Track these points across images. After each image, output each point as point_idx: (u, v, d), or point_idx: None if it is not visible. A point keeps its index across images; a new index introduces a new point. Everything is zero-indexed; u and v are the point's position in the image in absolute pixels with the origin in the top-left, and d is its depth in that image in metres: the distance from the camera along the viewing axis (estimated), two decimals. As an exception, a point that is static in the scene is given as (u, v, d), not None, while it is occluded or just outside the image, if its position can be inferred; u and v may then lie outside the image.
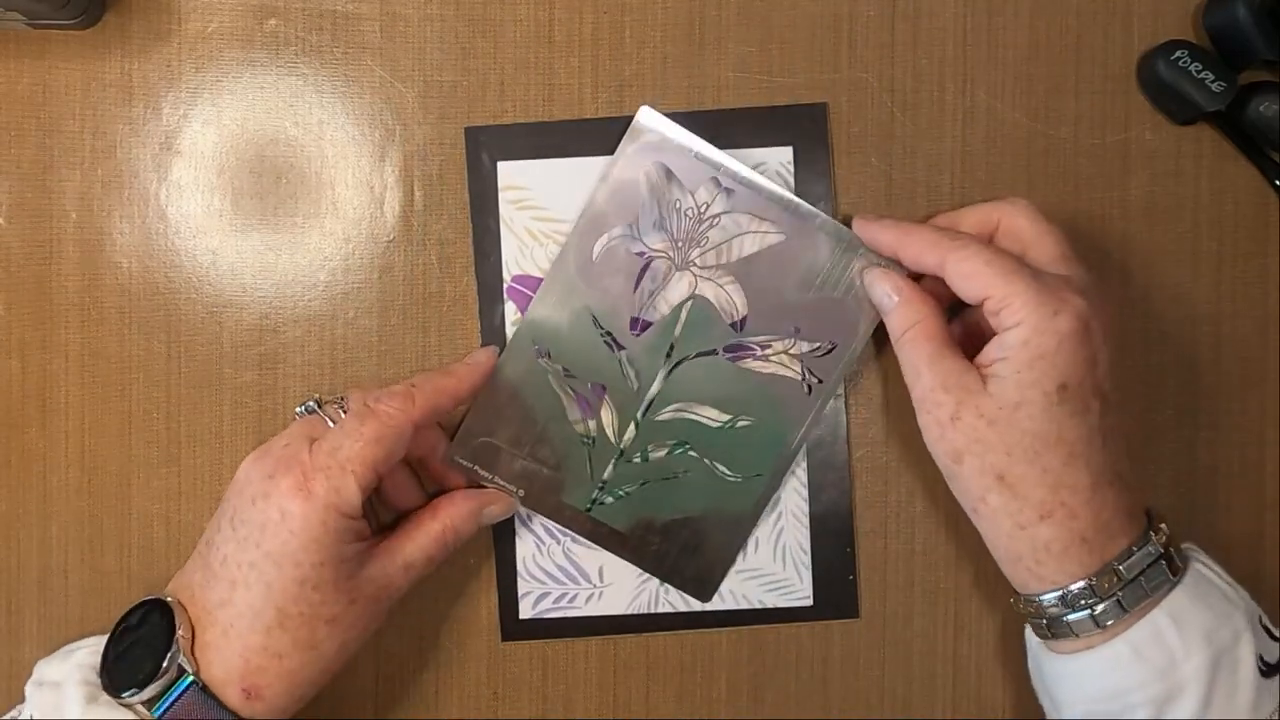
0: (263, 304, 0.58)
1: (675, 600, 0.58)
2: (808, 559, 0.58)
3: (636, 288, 0.56)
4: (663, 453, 0.57)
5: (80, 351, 0.58)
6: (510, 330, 0.57)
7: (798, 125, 0.57)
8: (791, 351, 0.56)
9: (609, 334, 0.56)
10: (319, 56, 0.57)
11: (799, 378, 0.56)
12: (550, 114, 0.57)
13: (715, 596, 0.58)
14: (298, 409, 0.52)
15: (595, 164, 0.57)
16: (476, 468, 0.56)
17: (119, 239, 0.57)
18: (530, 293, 0.57)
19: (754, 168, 0.57)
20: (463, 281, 0.58)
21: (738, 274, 0.56)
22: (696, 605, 0.58)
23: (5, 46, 0.57)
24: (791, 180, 0.57)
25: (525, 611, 0.58)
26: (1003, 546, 0.50)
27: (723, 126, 0.57)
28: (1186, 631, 0.47)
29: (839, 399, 0.58)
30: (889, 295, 0.53)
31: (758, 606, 0.58)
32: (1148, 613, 0.48)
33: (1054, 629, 0.50)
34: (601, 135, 0.57)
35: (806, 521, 0.58)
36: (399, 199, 0.58)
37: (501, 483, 0.56)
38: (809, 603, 0.59)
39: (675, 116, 0.57)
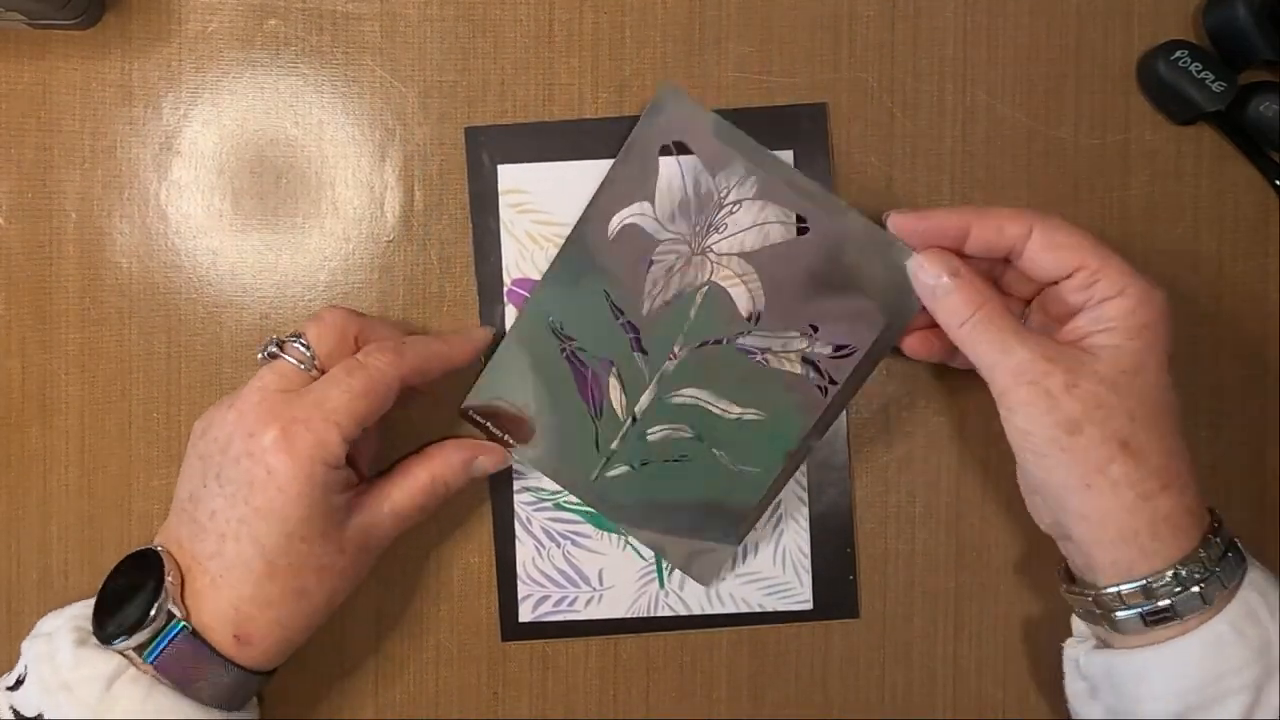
0: (263, 304, 0.58)
1: (675, 604, 0.58)
2: (807, 562, 0.58)
3: (651, 268, 0.55)
4: (667, 435, 0.56)
5: (80, 351, 0.58)
6: (511, 332, 0.58)
7: (797, 125, 0.57)
8: (806, 351, 0.55)
9: (621, 311, 0.55)
10: (319, 57, 0.57)
11: (812, 378, 0.55)
12: (550, 114, 0.57)
13: (715, 599, 0.58)
14: (259, 354, 0.51)
15: (596, 167, 0.57)
16: (489, 424, 0.57)
17: (119, 239, 0.58)
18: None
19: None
20: (463, 282, 0.58)
21: (756, 264, 0.54)
22: (696, 609, 0.58)
23: (5, 46, 0.57)
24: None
25: (525, 614, 0.58)
26: (1117, 524, 0.47)
27: (723, 126, 0.58)
28: (1272, 606, 0.46)
29: (839, 399, 0.58)
30: (943, 277, 0.50)
31: (757, 610, 0.58)
32: (1238, 590, 0.47)
33: (1153, 617, 0.47)
34: (602, 135, 0.57)
35: (806, 524, 0.58)
36: (399, 199, 0.58)
37: (512, 442, 0.57)
38: (809, 606, 0.58)
39: (675, 116, 0.57)
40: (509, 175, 0.57)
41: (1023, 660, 0.57)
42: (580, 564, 0.58)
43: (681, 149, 0.54)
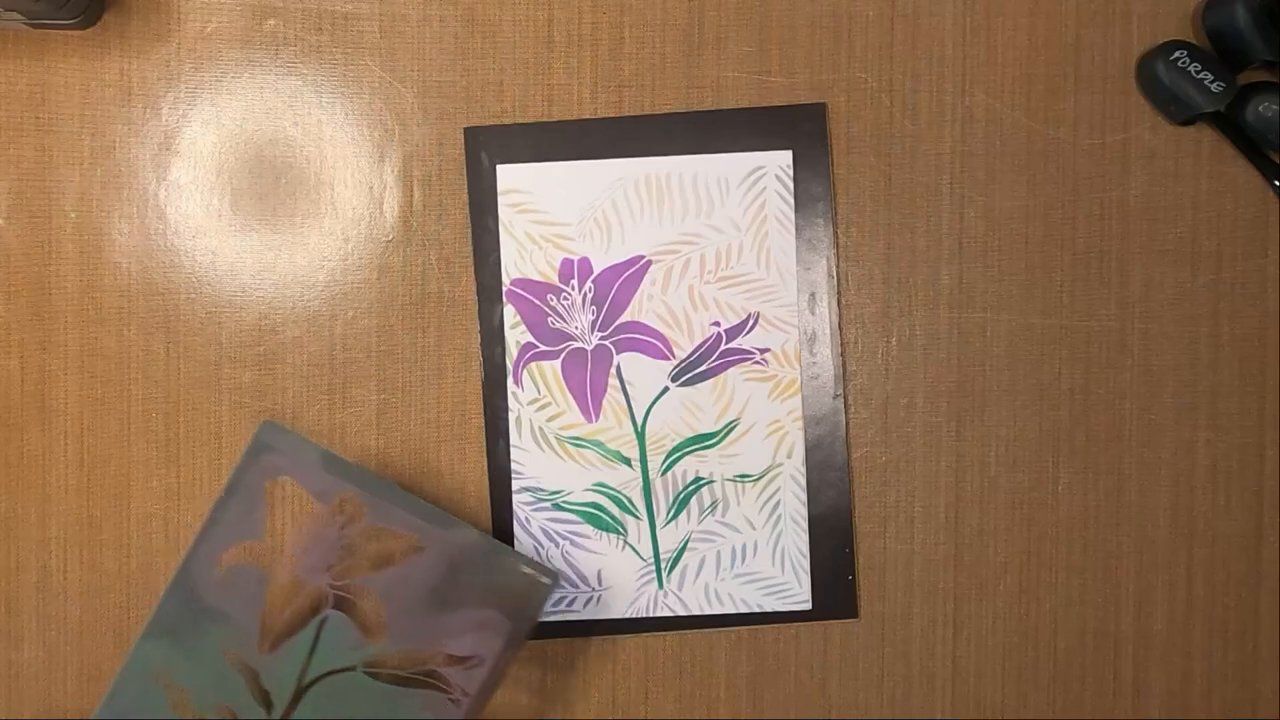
0: (262, 304, 0.58)
1: (674, 604, 0.58)
2: (806, 563, 0.58)
3: (265, 604, 0.53)
4: None
5: (79, 351, 0.58)
6: (509, 334, 0.57)
7: (796, 125, 0.57)
8: (435, 668, 0.53)
9: (236, 653, 0.53)
10: (318, 56, 0.57)
11: (446, 692, 0.53)
12: (549, 114, 0.57)
13: (714, 600, 0.58)
14: None
15: (596, 167, 0.57)
16: None
17: (118, 239, 0.58)
18: (530, 296, 0.57)
19: (752, 171, 0.57)
20: (462, 281, 0.58)
21: (376, 586, 0.53)
22: (695, 609, 0.58)
23: (4, 46, 0.57)
24: (790, 181, 0.58)
25: (524, 613, 0.59)
26: None
27: (721, 127, 0.57)
28: None
29: (838, 399, 0.58)
30: None
31: (756, 610, 0.58)
32: None
33: None
34: (601, 136, 0.57)
35: (805, 524, 0.58)
36: (398, 199, 0.58)
37: None
38: (807, 606, 0.58)
39: (672, 117, 0.57)
40: (508, 175, 0.57)
41: (1023, 660, 0.57)
42: (579, 564, 0.58)
43: (289, 483, 0.54)
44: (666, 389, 0.58)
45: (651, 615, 0.58)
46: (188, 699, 0.52)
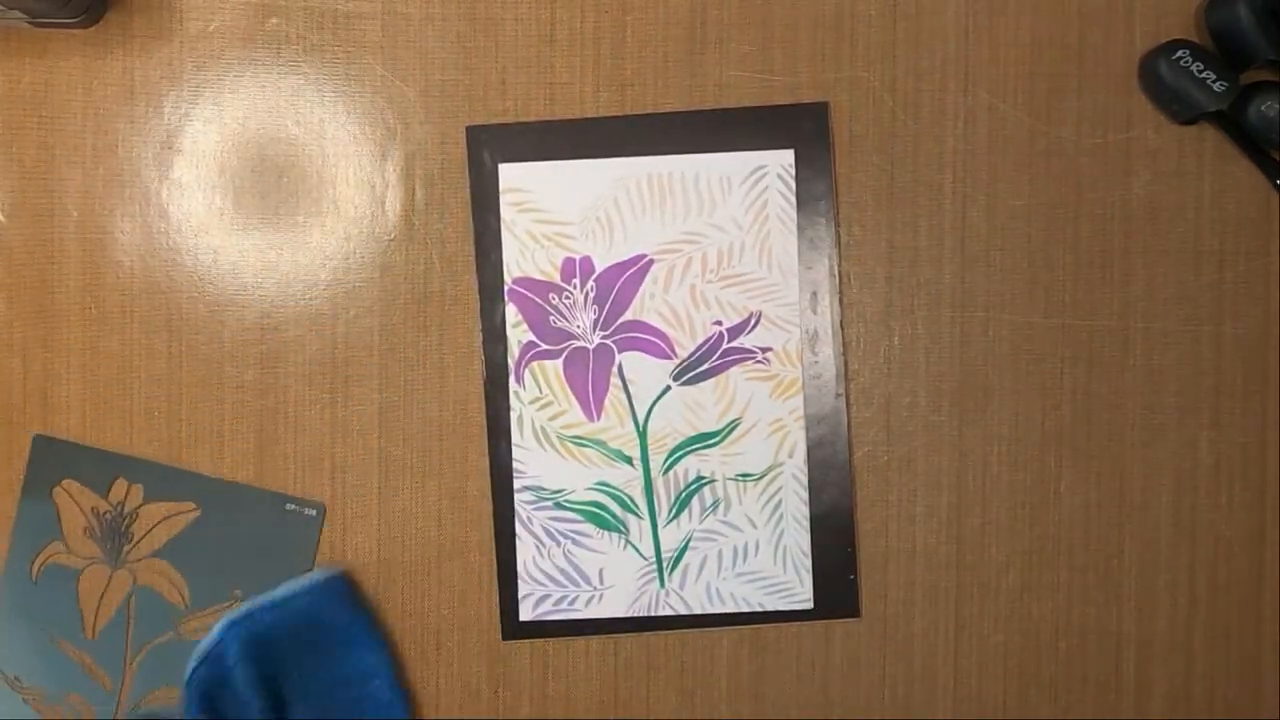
0: (264, 302, 0.58)
1: (675, 603, 0.58)
2: (808, 562, 0.58)
3: (79, 596, 0.58)
4: None
5: (82, 350, 0.58)
6: (511, 333, 0.58)
7: (799, 125, 0.57)
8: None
9: (68, 644, 0.57)
10: (320, 55, 0.57)
11: None
12: (551, 113, 0.57)
13: (715, 599, 0.58)
14: None
15: (597, 166, 0.57)
16: None
17: (120, 237, 0.58)
18: (532, 295, 0.57)
19: (754, 170, 0.57)
20: (463, 280, 0.58)
21: (171, 556, 0.57)
22: (697, 608, 0.58)
23: (7, 45, 0.57)
24: (792, 180, 0.58)
25: (525, 614, 0.58)
26: None
27: (723, 126, 0.57)
28: None
29: (840, 398, 0.58)
30: None
31: (758, 609, 0.58)
32: None
33: None
34: (603, 135, 0.57)
35: (807, 523, 0.58)
36: (400, 198, 0.58)
37: None
38: (809, 605, 0.58)
39: (674, 116, 0.57)
40: (510, 174, 0.57)
41: (1024, 659, 0.56)
42: (581, 563, 0.58)
43: (69, 485, 0.58)
44: (668, 388, 0.58)
45: (653, 614, 0.58)
46: (41, 696, 0.57)
